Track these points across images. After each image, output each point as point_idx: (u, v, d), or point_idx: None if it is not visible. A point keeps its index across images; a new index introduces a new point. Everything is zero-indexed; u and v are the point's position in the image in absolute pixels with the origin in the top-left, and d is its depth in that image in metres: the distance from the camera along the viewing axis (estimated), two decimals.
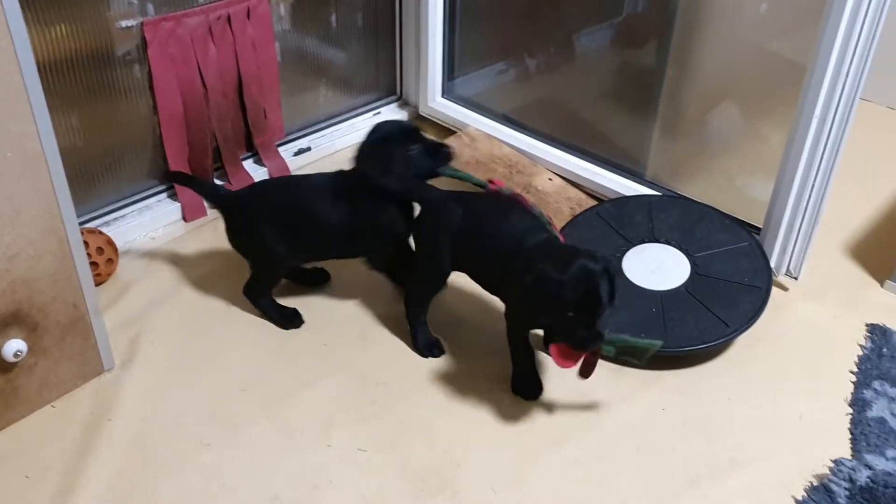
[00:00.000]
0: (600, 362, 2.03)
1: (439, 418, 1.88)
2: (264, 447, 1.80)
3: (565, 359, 1.71)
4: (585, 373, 1.79)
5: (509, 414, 1.90)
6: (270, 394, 1.93)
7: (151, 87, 2.32)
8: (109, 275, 2.24)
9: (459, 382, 1.97)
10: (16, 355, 1.73)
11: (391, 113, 2.98)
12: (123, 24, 2.21)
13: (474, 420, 1.88)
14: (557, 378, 1.98)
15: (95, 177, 2.34)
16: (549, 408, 1.92)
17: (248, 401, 1.91)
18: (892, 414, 1.88)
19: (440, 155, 2.01)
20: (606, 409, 1.92)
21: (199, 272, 2.29)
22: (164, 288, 2.24)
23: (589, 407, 1.93)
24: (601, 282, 1.64)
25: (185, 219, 2.49)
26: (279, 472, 1.75)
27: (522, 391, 1.93)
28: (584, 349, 1.70)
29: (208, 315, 2.15)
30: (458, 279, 2.00)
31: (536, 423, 1.88)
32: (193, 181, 2.28)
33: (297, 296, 2.20)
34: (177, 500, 1.69)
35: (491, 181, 2.05)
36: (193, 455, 1.78)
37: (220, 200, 2.14)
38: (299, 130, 2.80)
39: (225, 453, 1.78)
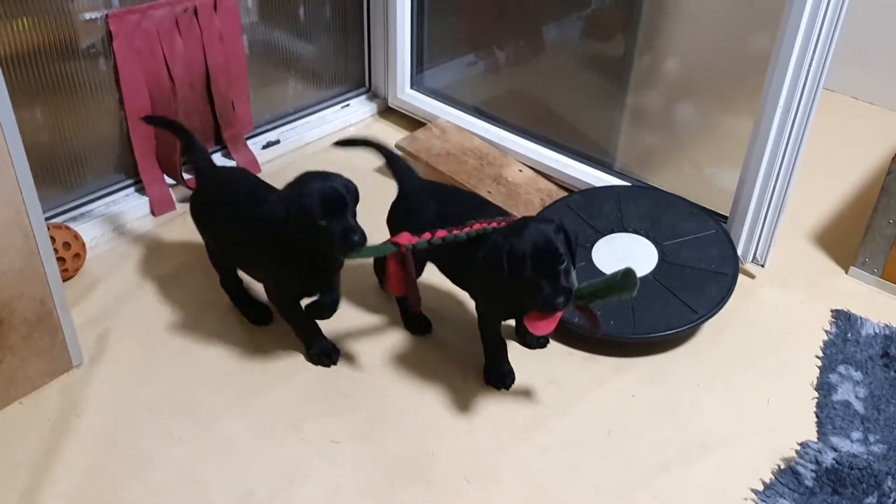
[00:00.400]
0: (571, 351, 2.05)
1: (412, 409, 1.89)
2: (236, 441, 1.80)
3: (539, 321, 1.67)
4: (593, 324, 1.75)
5: (482, 403, 1.91)
6: (241, 388, 1.93)
7: (117, 81, 2.29)
8: (77, 270, 2.21)
9: (432, 374, 1.98)
10: None
11: (360, 105, 2.98)
12: (88, 16, 2.18)
13: (447, 410, 1.89)
14: (530, 366, 2.00)
15: (61, 171, 2.31)
16: (522, 396, 1.93)
17: (219, 395, 1.90)
18: (857, 397, 1.92)
19: (348, 242, 1.71)
20: (577, 396, 1.94)
21: (167, 267, 2.28)
22: (132, 283, 2.22)
23: (560, 395, 1.94)
24: (555, 236, 1.64)
25: (153, 213, 2.46)
26: (253, 466, 1.75)
27: (495, 381, 1.95)
28: (553, 307, 1.63)
29: (177, 310, 2.14)
30: (429, 274, 2.00)
31: (509, 411, 1.89)
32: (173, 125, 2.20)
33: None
34: (148, 496, 1.68)
35: (395, 243, 1.77)
36: (164, 450, 1.77)
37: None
38: (268, 123, 2.79)
39: (196, 448, 1.78)
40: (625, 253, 2.17)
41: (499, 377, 1.95)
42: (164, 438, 1.79)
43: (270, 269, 1.89)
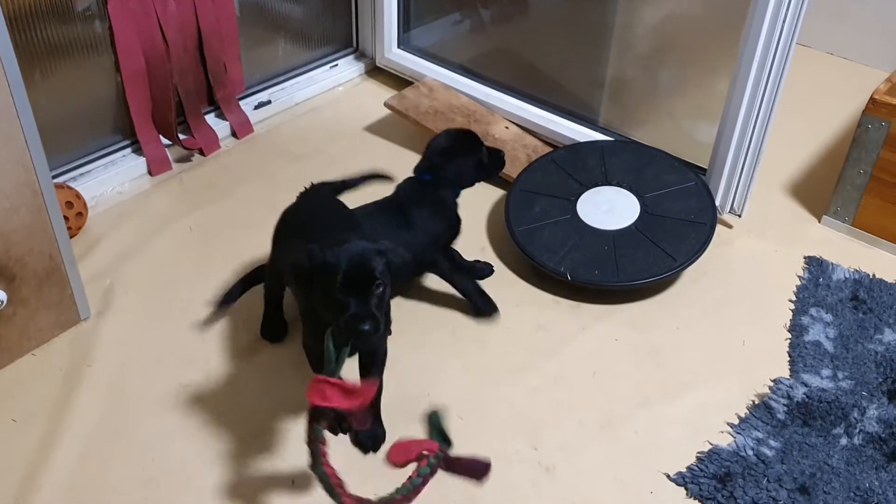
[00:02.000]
0: (558, 300, 2.15)
1: (406, 356, 1.98)
2: (242, 387, 1.89)
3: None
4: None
5: (473, 350, 2.01)
6: (244, 337, 2.02)
7: (113, 43, 2.34)
8: (79, 228, 2.28)
9: (424, 323, 2.07)
10: None
11: (348, 65, 3.03)
12: None
13: (440, 356, 1.99)
14: (519, 314, 2.10)
15: (60, 133, 2.36)
16: (511, 341, 2.03)
17: (224, 345, 1.99)
18: (827, 337, 2.03)
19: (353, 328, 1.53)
20: (564, 340, 2.04)
21: (167, 224, 2.35)
22: (134, 240, 2.29)
23: (547, 339, 2.04)
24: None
25: (150, 173, 2.53)
26: (259, 410, 1.84)
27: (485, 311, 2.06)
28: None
29: (179, 265, 2.22)
30: None
31: (498, 355, 2.00)
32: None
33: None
34: (160, 437, 1.77)
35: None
36: (173, 396, 1.86)
37: None
38: (259, 84, 2.84)
39: (204, 394, 1.87)
40: (608, 205, 2.27)
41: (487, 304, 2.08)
42: (172, 386, 1.88)
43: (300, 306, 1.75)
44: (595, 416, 1.86)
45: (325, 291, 1.50)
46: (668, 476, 1.73)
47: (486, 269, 2.22)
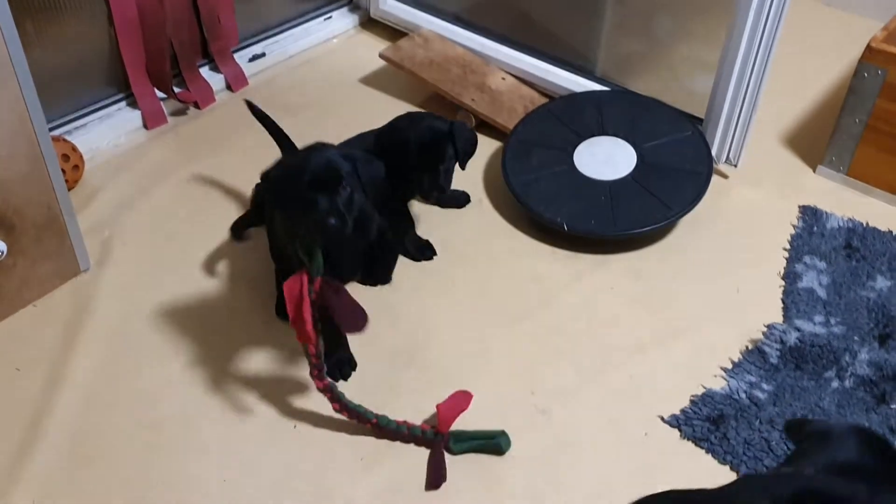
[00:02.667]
0: (554, 250, 2.17)
1: (404, 304, 2.00)
2: (241, 335, 1.91)
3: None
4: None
5: (470, 298, 2.03)
6: (243, 286, 2.03)
7: None
8: (76, 181, 2.28)
9: (422, 271, 2.09)
10: None
11: (342, 17, 3.01)
12: None
13: (438, 305, 2.01)
14: (516, 264, 2.12)
15: (54, 86, 2.34)
16: (508, 291, 2.05)
17: (223, 293, 2.01)
18: (820, 284, 2.06)
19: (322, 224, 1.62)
20: (560, 289, 2.06)
21: (164, 177, 2.35)
22: (131, 193, 2.30)
23: (544, 289, 2.06)
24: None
25: (146, 126, 2.52)
26: (259, 355, 1.86)
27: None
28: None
29: (176, 217, 2.23)
30: None
31: (496, 303, 2.02)
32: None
33: None
34: (161, 384, 1.80)
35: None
36: (174, 345, 1.88)
37: None
38: (253, 36, 2.82)
39: (204, 343, 1.89)
40: (604, 155, 2.27)
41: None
42: (172, 334, 1.90)
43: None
44: (591, 361, 1.89)
45: (293, 196, 1.56)
46: (662, 418, 1.76)
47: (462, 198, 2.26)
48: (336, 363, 1.79)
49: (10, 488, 1.60)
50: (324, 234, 1.56)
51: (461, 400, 1.71)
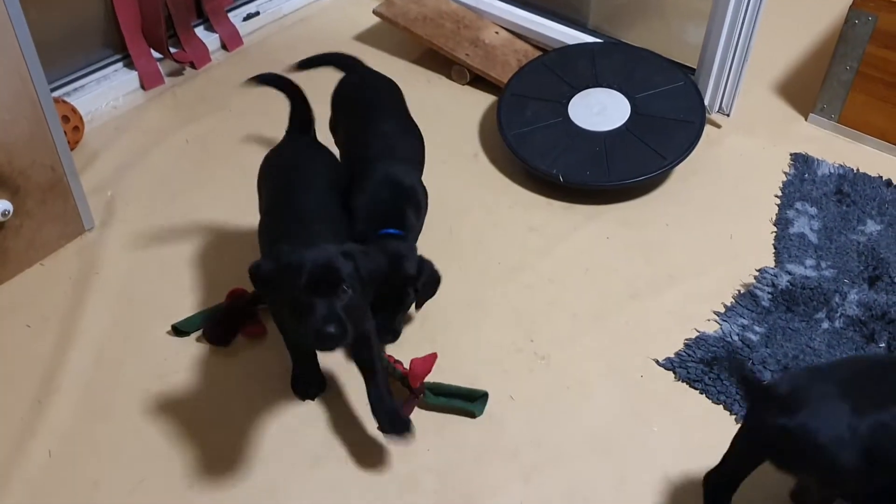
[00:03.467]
0: (550, 201, 2.20)
1: None
2: (248, 288, 1.95)
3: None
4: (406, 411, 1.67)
5: (469, 252, 2.07)
6: (247, 244, 2.06)
7: None
8: (76, 143, 2.31)
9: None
10: (3, 214, 1.82)
11: None
12: None
13: (437, 257, 2.03)
14: (512, 216, 2.15)
15: (52, 48, 2.35)
16: (505, 243, 2.09)
17: (224, 251, 2.05)
18: (812, 229, 2.10)
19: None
20: (556, 240, 2.10)
21: (163, 137, 2.37)
22: (132, 153, 2.32)
23: (540, 240, 2.10)
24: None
25: (143, 87, 2.54)
26: (263, 306, 1.90)
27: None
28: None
29: (178, 177, 2.25)
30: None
31: (493, 257, 2.06)
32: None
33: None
34: (169, 340, 1.84)
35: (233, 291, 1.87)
36: (180, 301, 1.92)
37: None
38: None
39: (209, 297, 1.93)
40: (598, 107, 2.30)
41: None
42: (178, 291, 1.94)
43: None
44: (587, 309, 1.93)
45: (289, 298, 1.41)
46: (657, 361, 1.81)
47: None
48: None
49: (27, 441, 1.65)
50: (320, 342, 1.39)
51: (430, 361, 1.72)
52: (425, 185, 1.90)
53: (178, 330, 1.83)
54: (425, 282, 1.78)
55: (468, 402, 1.70)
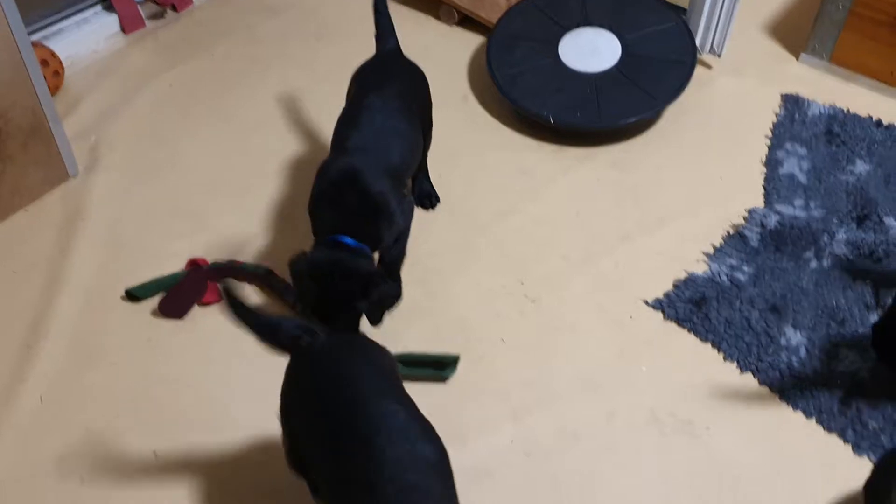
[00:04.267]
0: (541, 144, 2.19)
1: None
2: (234, 234, 1.94)
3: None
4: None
5: (459, 195, 2.05)
6: (233, 187, 2.05)
7: None
8: (57, 87, 2.26)
9: None
10: None
11: None
12: None
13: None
14: (503, 158, 2.14)
15: None
16: (496, 186, 2.08)
17: (212, 195, 2.03)
18: (801, 170, 2.09)
19: None
20: (547, 183, 2.09)
21: (146, 82, 2.33)
22: (114, 98, 2.28)
23: (531, 182, 2.09)
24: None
25: (123, 30, 2.49)
26: (251, 252, 1.90)
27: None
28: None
29: (162, 122, 2.22)
30: None
31: (485, 200, 2.04)
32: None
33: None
34: None
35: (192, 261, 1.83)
36: (168, 245, 1.91)
37: None
38: None
39: (198, 241, 1.92)
40: (589, 48, 2.27)
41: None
42: (166, 235, 1.93)
43: None
44: (578, 251, 1.93)
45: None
46: (647, 302, 1.82)
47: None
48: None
49: (17, 386, 1.65)
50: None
51: None
52: (411, 201, 1.76)
53: (132, 295, 1.76)
54: (374, 302, 1.58)
55: (438, 369, 1.65)
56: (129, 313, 1.77)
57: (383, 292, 1.59)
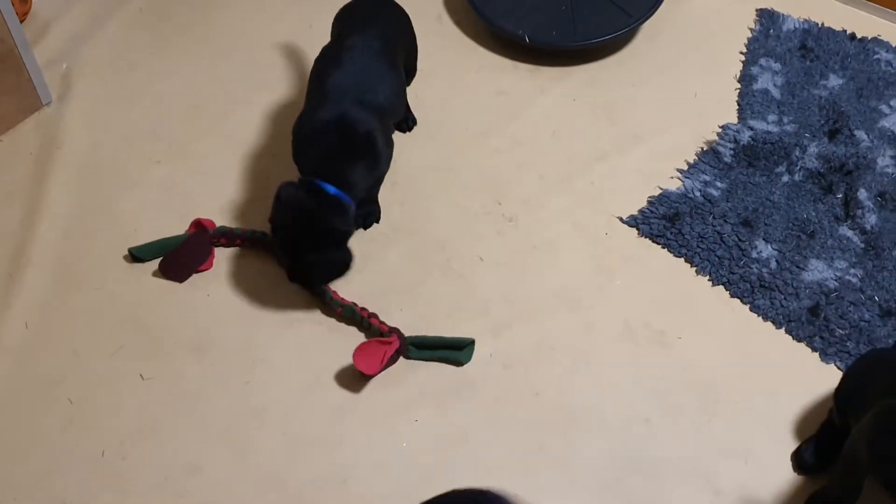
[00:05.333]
0: (517, 64, 2.18)
1: None
2: (213, 160, 1.94)
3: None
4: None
5: (435, 115, 2.06)
6: (210, 113, 2.04)
7: None
8: (25, 14, 2.22)
9: None
10: None
11: None
12: None
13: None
14: (479, 79, 2.14)
15: None
16: (473, 107, 2.08)
17: (189, 121, 2.02)
18: (775, 85, 2.11)
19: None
20: (524, 103, 2.09)
21: (117, 6, 2.29)
22: (84, 24, 2.25)
23: (508, 103, 2.09)
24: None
25: None
26: (230, 177, 1.90)
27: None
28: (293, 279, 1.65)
29: (134, 47, 2.19)
30: None
31: (461, 121, 2.05)
32: None
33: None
34: (140, 209, 1.84)
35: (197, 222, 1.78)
36: (147, 171, 1.91)
37: None
38: None
39: (177, 167, 1.92)
40: None
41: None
42: (144, 161, 1.93)
43: None
44: (554, 171, 1.95)
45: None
46: (621, 219, 1.85)
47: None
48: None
49: (2, 313, 1.67)
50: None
51: (377, 349, 1.58)
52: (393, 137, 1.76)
53: (135, 256, 1.74)
54: (319, 262, 1.62)
55: (456, 350, 1.61)
56: (111, 239, 1.78)
57: (335, 257, 1.63)
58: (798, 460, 1.48)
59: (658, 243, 1.81)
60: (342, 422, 1.53)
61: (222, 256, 1.76)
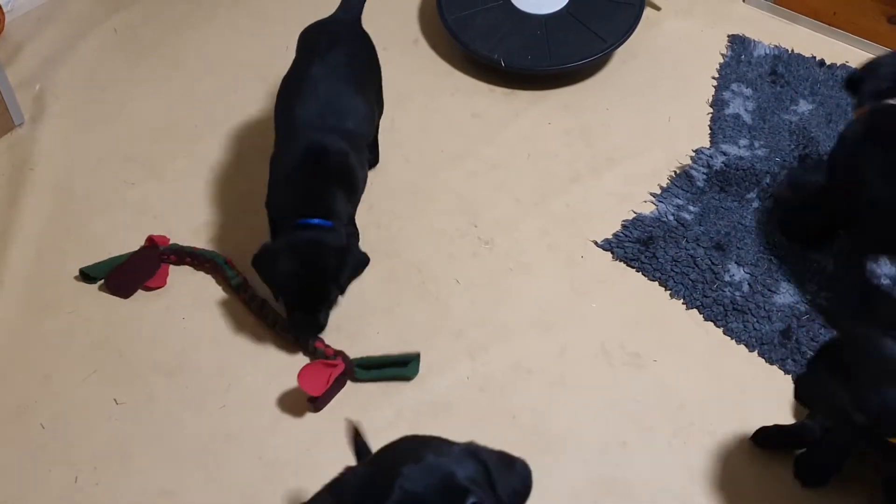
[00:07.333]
0: (492, 88, 2.19)
1: None
2: (187, 181, 1.93)
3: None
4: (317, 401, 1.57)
5: (412, 140, 2.07)
6: (183, 134, 2.04)
7: None
8: None
9: None
10: None
11: None
12: None
13: (381, 147, 2.04)
14: (454, 103, 2.15)
15: None
16: (449, 130, 2.10)
17: (162, 142, 2.01)
18: (746, 110, 2.14)
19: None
20: (499, 126, 2.11)
21: (90, 27, 2.29)
22: (57, 45, 2.24)
23: (483, 126, 2.11)
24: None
25: None
26: (204, 199, 1.89)
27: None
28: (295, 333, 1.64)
29: (108, 69, 2.19)
30: None
31: (438, 144, 2.06)
32: None
33: None
34: (112, 232, 1.83)
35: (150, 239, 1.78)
36: (120, 193, 1.90)
37: None
38: None
39: (150, 188, 1.91)
40: None
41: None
42: (117, 183, 1.92)
43: None
44: (530, 193, 1.97)
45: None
46: (596, 242, 1.86)
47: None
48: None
49: None
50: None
51: (322, 371, 1.58)
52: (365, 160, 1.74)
53: (86, 275, 1.72)
54: (349, 275, 1.64)
55: (401, 367, 1.62)
56: (83, 261, 1.76)
57: (355, 271, 1.66)
58: (756, 435, 1.54)
59: (633, 267, 1.82)
60: (318, 446, 1.53)
61: (196, 279, 1.75)
